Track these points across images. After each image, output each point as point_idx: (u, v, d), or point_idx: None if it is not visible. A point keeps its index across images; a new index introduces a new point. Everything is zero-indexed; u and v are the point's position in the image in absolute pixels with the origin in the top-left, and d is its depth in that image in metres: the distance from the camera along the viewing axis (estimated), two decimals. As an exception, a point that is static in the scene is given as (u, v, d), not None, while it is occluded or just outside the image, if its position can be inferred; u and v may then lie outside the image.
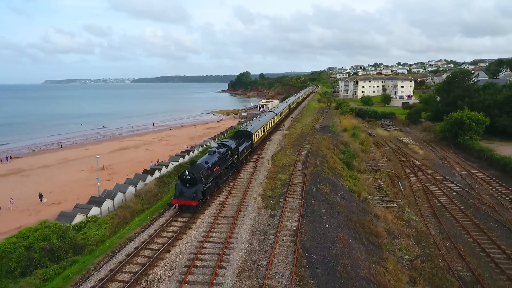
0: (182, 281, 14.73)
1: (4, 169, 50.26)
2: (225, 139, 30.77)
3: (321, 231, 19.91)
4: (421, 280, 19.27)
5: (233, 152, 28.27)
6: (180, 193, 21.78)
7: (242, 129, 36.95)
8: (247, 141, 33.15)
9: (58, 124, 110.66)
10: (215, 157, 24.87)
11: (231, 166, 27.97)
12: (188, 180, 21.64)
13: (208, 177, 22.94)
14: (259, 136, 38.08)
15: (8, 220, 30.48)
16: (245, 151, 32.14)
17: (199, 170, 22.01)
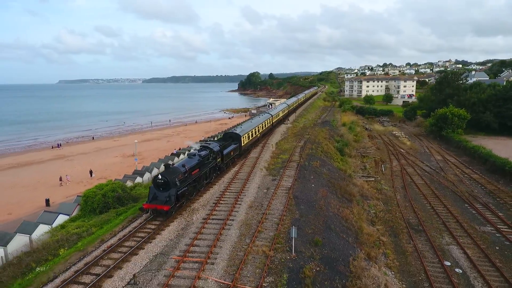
0: (212, 210, 22.80)
1: (52, 155, 59.62)
2: (208, 141, 30.78)
3: (308, 188, 27.73)
4: (379, 222, 26.97)
5: (216, 155, 27.99)
6: (153, 197, 21.36)
7: (231, 131, 36.30)
8: (234, 143, 32.89)
9: (83, 121, 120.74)
10: (194, 160, 24.64)
11: (213, 169, 27.74)
12: (161, 184, 21.17)
13: (184, 181, 22.53)
14: (249, 138, 37.41)
15: (69, 189, 39.15)
16: (231, 154, 31.66)
17: (174, 174, 21.64)
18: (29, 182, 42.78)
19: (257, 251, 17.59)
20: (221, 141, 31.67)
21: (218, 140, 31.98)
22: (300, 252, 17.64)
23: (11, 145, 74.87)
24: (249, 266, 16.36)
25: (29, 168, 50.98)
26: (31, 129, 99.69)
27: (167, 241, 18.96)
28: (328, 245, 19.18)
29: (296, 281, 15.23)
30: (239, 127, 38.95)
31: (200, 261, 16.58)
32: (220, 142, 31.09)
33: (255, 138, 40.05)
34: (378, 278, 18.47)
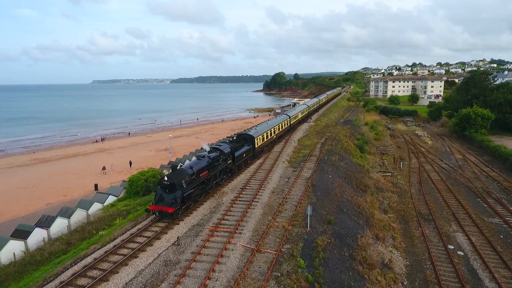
0: (239, 193, 26.22)
1: (94, 148, 65.82)
2: (219, 143, 30.34)
3: (325, 178, 30.54)
4: (391, 211, 29.33)
5: (227, 156, 27.59)
6: (159, 199, 21.42)
7: (244, 132, 35.52)
8: (247, 145, 32.35)
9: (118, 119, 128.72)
10: (203, 162, 24.45)
11: (223, 171, 27.45)
12: (167, 186, 21.13)
13: (191, 183, 22.32)
14: (264, 140, 36.66)
15: (112, 177, 44.09)
16: (244, 156, 31.18)
17: (180, 176, 21.51)
18: (77, 170, 48.30)
19: (277, 226, 20.79)
20: (234, 143, 30.90)
21: (230, 142, 31.37)
22: (315, 228, 20.64)
23: (56, 140, 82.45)
24: (271, 236, 19.59)
25: (75, 159, 56.97)
26: (72, 126, 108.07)
27: (202, 215, 22.59)
28: (340, 224, 22.06)
29: (310, 249, 18.28)
30: (253, 128, 37.81)
31: (230, 231, 20.01)
32: (232, 143, 30.37)
33: (270, 139, 39.19)
34: (384, 253, 21.19)
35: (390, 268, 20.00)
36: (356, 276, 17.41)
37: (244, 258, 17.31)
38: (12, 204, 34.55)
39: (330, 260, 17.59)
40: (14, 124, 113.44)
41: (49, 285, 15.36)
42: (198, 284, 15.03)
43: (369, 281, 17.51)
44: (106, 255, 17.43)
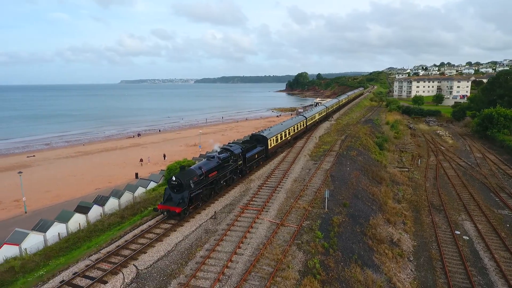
0: (265, 181, 29.63)
1: (129, 143, 71.52)
2: (230, 144, 30.26)
3: (343, 170, 33.39)
4: (404, 202, 31.78)
5: (237, 157, 27.70)
6: (167, 198, 21.74)
7: (258, 133, 35.41)
8: (260, 146, 32.54)
9: (148, 117, 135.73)
10: (212, 163, 24.66)
11: (233, 172, 27.52)
12: (175, 186, 21.37)
13: (199, 183, 22.49)
14: (278, 141, 36.82)
15: (148, 168, 48.76)
16: (256, 157, 31.22)
17: (188, 176, 21.73)
18: (117, 162, 53.47)
19: (298, 207, 24.04)
20: (246, 144, 30.93)
21: (242, 143, 31.40)
22: (331, 209, 23.72)
23: (94, 135, 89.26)
24: (293, 214, 22.87)
25: (114, 152, 62.50)
26: (105, 123, 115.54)
27: (233, 197, 26.19)
28: (354, 207, 25.01)
29: (326, 225, 21.40)
30: (267, 129, 37.54)
31: (258, 210, 23.45)
32: (243, 144, 30.40)
33: (284, 141, 39.23)
34: (393, 234, 23.99)
35: (398, 246, 22.78)
36: (365, 247, 20.41)
37: (270, 230, 20.70)
38: (67, 188, 39.75)
39: (343, 234, 20.66)
40: (54, 122, 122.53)
41: (116, 243, 19.39)
42: (233, 246, 18.57)
43: (377, 253, 20.46)
44: (158, 223, 21.33)
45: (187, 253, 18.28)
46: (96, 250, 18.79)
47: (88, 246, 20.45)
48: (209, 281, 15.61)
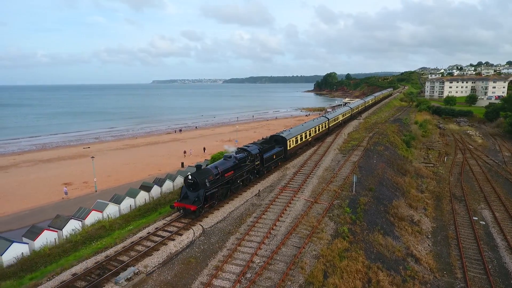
0: (298, 169, 33.64)
1: (170, 138, 77.99)
2: (248, 144, 30.70)
3: (370, 162, 36.67)
4: (427, 192, 34.60)
5: (254, 158, 28.07)
6: (184, 196, 22.49)
7: (277, 134, 35.71)
8: (279, 147, 32.94)
9: (183, 115, 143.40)
10: (229, 162, 25.11)
11: (251, 172, 27.98)
12: (191, 184, 22.00)
13: (215, 182, 22.95)
14: (297, 142, 37.10)
15: (191, 159, 54.12)
16: (274, 158, 31.45)
17: (204, 175, 22.27)
18: (162, 154, 59.45)
19: (329, 190, 27.88)
20: (264, 144, 31.38)
21: (261, 143, 31.86)
22: (358, 192, 27.35)
23: (136, 131, 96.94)
24: (325, 195, 26.76)
25: (157, 146, 68.83)
26: (145, 121, 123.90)
27: (272, 181, 30.46)
28: (379, 191, 28.48)
29: (354, 203, 25.09)
30: (287, 130, 38.06)
31: (294, 190, 27.55)
32: (262, 145, 30.78)
33: (305, 142, 39.44)
34: (414, 216, 27.24)
35: (418, 225, 26.03)
36: (388, 222, 23.95)
37: (305, 206, 24.74)
38: (124, 174, 45.81)
39: (369, 211, 24.29)
40: (98, 119, 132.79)
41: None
42: (276, 216, 22.80)
43: (397, 227, 23.94)
44: (212, 198, 25.98)
45: (239, 219, 22.76)
46: (166, 215, 23.66)
47: (160, 213, 25.47)
48: (259, 237, 19.95)
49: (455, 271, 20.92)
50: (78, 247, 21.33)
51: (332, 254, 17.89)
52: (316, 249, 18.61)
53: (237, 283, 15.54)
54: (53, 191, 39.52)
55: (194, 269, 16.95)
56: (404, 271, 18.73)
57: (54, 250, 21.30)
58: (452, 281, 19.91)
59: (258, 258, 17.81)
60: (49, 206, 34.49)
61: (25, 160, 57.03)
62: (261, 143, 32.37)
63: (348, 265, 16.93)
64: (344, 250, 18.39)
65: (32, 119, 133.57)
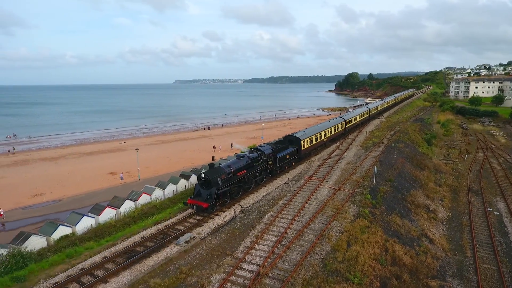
0: (323, 162, 36.60)
1: (197, 135, 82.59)
2: (262, 144, 30.93)
3: (390, 157, 39.08)
4: (445, 186, 36.68)
5: (267, 157, 28.52)
6: (197, 194, 23.11)
7: (291, 134, 36.15)
8: (293, 147, 33.39)
9: (207, 115, 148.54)
10: (242, 162, 25.62)
11: (264, 171, 28.40)
12: (204, 182, 22.66)
13: (227, 181, 23.45)
14: (311, 143, 37.40)
15: (220, 154, 58.01)
16: (287, 158, 31.84)
17: (216, 174, 22.82)
18: (192, 149, 63.71)
19: (352, 180, 30.73)
20: (278, 144, 31.87)
21: (274, 143, 32.43)
22: (378, 182, 30.05)
23: (165, 129, 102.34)
24: (347, 184, 29.67)
25: (187, 142, 73.34)
26: (172, 119, 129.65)
27: (299, 171, 33.64)
28: (397, 182, 31.06)
29: (374, 191, 27.85)
30: (301, 131, 38.31)
31: (320, 180, 30.61)
32: (275, 145, 31.32)
33: (319, 142, 39.79)
34: (430, 204, 29.69)
35: (433, 213, 28.47)
36: (405, 208, 26.62)
37: (330, 192, 27.76)
38: (161, 166, 50.24)
39: (387, 197, 27.03)
40: (128, 117, 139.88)
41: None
42: (304, 199, 25.98)
43: (414, 213, 26.56)
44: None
45: (272, 201, 26.12)
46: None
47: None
48: (290, 215, 23.22)
49: (465, 251, 23.39)
50: (137, 221, 25.32)
51: (354, 229, 20.88)
52: (340, 226, 21.66)
53: (274, 248, 18.87)
54: (100, 179, 44.34)
55: (238, 237, 20.43)
56: (418, 247, 21.49)
57: (117, 223, 25.41)
58: (462, 259, 22.43)
59: (291, 231, 21.08)
60: (100, 191, 39.16)
61: (70, 153, 62.81)
62: (275, 143, 32.90)
63: (368, 238, 19.91)
64: (364, 227, 21.34)
65: (66, 117, 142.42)
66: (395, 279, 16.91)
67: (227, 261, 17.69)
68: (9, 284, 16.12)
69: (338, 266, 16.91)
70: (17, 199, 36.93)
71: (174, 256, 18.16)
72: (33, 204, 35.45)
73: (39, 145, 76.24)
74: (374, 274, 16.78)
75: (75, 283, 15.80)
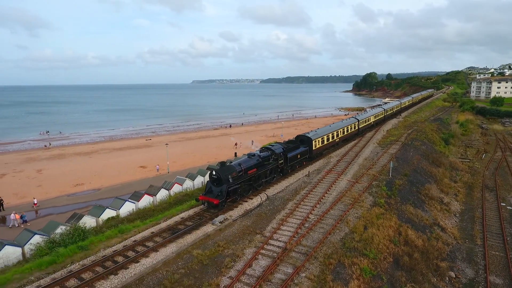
0: (341, 158, 38.67)
1: (218, 133, 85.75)
2: (272, 144, 31.51)
3: (406, 154, 40.70)
4: (460, 182, 38.03)
5: (278, 157, 29.21)
6: (208, 190, 23.87)
7: (303, 134, 36.61)
8: (304, 147, 33.97)
9: (226, 114, 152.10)
10: (252, 160, 26.31)
11: (274, 170, 29.17)
12: (215, 180, 23.44)
13: (238, 179, 24.13)
14: (323, 143, 37.93)
15: (242, 150, 60.76)
16: (298, 157, 32.45)
17: (227, 172, 23.56)
18: (215, 146, 66.82)
19: (369, 174, 32.74)
20: (289, 144, 32.62)
21: (286, 143, 33.04)
22: (394, 176, 31.94)
23: (186, 127, 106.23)
24: (364, 177, 31.71)
25: (209, 139, 76.61)
26: (191, 118, 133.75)
27: (319, 166, 35.89)
28: (413, 177, 32.85)
29: (390, 184, 29.79)
30: (313, 131, 38.71)
31: (338, 173, 32.78)
32: (286, 144, 31.97)
33: (331, 143, 40.30)
34: (444, 198, 31.37)
35: (447, 206, 30.16)
36: (419, 199, 28.48)
37: (348, 184, 29.91)
38: (187, 161, 53.50)
39: (402, 190, 28.94)
40: (150, 116, 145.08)
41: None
42: (324, 190, 28.26)
43: (428, 205, 28.39)
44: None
45: (294, 191, 28.53)
46: (236, 187, 29.94)
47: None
48: (312, 203, 25.59)
49: (476, 240, 25.12)
50: (173, 206, 28.28)
51: (370, 216, 23.03)
52: (358, 212, 23.85)
53: (298, 229, 21.29)
54: (132, 171, 47.92)
55: (265, 219, 22.98)
56: (430, 233, 23.43)
57: (156, 207, 28.47)
58: (472, 247, 24.21)
59: (313, 216, 23.47)
60: (133, 182, 42.63)
61: (101, 149, 67.15)
62: (286, 142, 33.64)
63: (383, 223, 22.05)
64: (380, 214, 23.45)
65: (92, 115, 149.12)
66: (407, 257, 19.04)
67: (257, 238, 20.26)
68: (76, 251, 19.24)
69: (355, 245, 19.18)
70: (61, 188, 40.84)
71: (211, 233, 20.90)
72: (76, 192, 39.25)
73: (71, 141, 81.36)
74: (387, 251, 18.97)
75: (131, 251, 18.74)
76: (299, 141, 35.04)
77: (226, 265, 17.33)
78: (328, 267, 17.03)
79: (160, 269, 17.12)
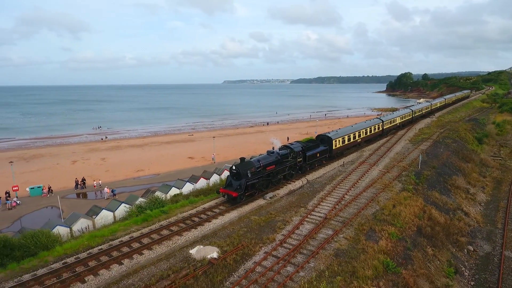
0: (373, 152, 42.04)
1: (253, 130, 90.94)
2: (293, 142, 32.57)
3: (437, 150, 43.25)
4: (489, 177, 40.12)
5: (296, 155, 30.35)
6: (228, 184, 25.29)
7: (324, 134, 37.58)
8: (324, 146, 34.97)
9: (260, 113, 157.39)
10: (271, 157, 27.57)
11: (292, 167, 30.25)
12: (234, 174, 24.77)
13: (256, 174, 25.37)
14: (344, 143, 38.62)
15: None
16: (317, 156, 33.51)
17: (246, 167, 24.94)
18: (251, 141, 71.96)
19: (399, 165, 36.07)
20: (309, 143, 33.73)
21: (305, 141, 34.15)
22: (423, 168, 35.04)
23: (223, 125, 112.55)
24: (395, 169, 35.11)
25: (246, 136, 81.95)
26: (227, 117, 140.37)
27: (353, 157, 39.65)
28: (441, 169, 35.76)
29: (419, 174, 32.99)
30: (334, 131, 39.66)
31: (370, 164, 36.38)
32: (306, 143, 33.14)
33: (352, 143, 40.97)
34: (470, 189, 34.09)
35: (473, 196, 32.88)
36: (445, 188, 31.56)
37: (379, 173, 33.52)
38: (228, 153, 58.96)
39: (430, 179, 32.12)
40: (187, 114, 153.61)
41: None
42: (357, 177, 32.11)
43: (453, 193, 31.39)
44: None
45: (331, 177, 32.66)
46: (279, 173, 34.51)
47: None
48: (347, 186, 29.62)
49: (497, 224, 27.95)
50: (226, 187, 33.35)
51: (398, 198, 26.70)
52: (388, 195, 27.58)
53: (336, 205, 25.49)
54: (182, 161, 54.04)
55: (307, 197, 27.37)
56: (453, 215, 26.67)
57: (211, 188, 33.76)
58: (492, 229, 27.13)
59: (348, 196, 27.53)
60: (185, 169, 48.58)
61: (151, 142, 74.53)
62: (306, 141, 34.72)
63: (410, 203, 25.68)
64: (407, 197, 27.06)
65: (134, 113, 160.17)
66: (429, 228, 22.68)
67: (301, 210, 24.73)
68: (159, 214, 24.70)
69: (385, 217, 23.07)
70: (125, 173, 47.61)
71: (264, 205, 25.66)
72: (139, 176, 45.77)
73: (121, 135, 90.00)
74: (412, 223, 22.72)
75: (203, 214, 23.90)
76: (320, 140, 36.17)
77: (279, 226, 21.98)
78: (362, 231, 21.14)
79: (227, 227, 22.11)
